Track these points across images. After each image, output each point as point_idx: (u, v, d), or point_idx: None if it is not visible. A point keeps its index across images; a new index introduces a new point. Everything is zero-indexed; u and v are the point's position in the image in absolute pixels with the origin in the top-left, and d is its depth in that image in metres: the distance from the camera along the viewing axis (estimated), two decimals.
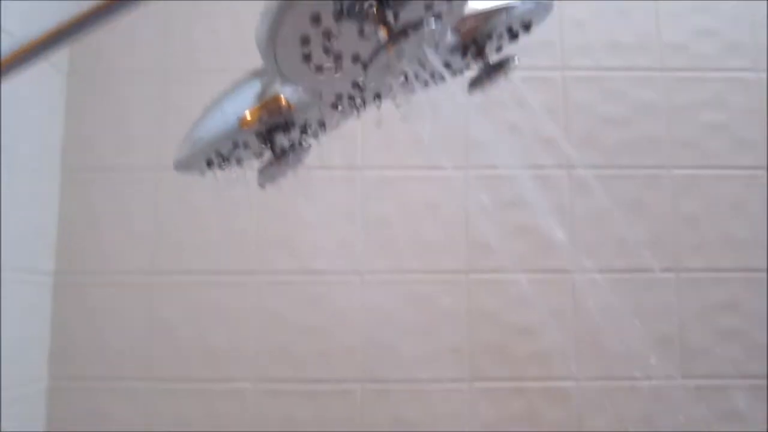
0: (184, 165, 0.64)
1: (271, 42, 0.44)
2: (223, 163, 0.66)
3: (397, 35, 0.44)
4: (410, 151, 1.14)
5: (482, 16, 0.59)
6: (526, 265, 1.11)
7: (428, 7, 0.47)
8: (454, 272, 1.12)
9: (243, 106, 0.60)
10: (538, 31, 1.13)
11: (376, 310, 1.10)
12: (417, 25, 0.45)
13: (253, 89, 0.61)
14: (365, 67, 0.47)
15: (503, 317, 1.10)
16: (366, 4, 0.44)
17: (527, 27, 0.66)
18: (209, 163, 0.66)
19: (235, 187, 1.14)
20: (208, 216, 1.13)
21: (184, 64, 1.18)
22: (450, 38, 0.58)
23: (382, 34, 0.45)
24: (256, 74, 0.62)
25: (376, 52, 0.45)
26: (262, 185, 0.65)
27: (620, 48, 1.16)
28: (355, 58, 0.47)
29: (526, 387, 1.09)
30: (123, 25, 1.19)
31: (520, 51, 1.13)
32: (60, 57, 1.16)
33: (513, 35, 0.66)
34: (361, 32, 0.46)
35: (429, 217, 1.13)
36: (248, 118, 0.58)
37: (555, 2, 0.64)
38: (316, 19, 0.43)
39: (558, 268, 1.11)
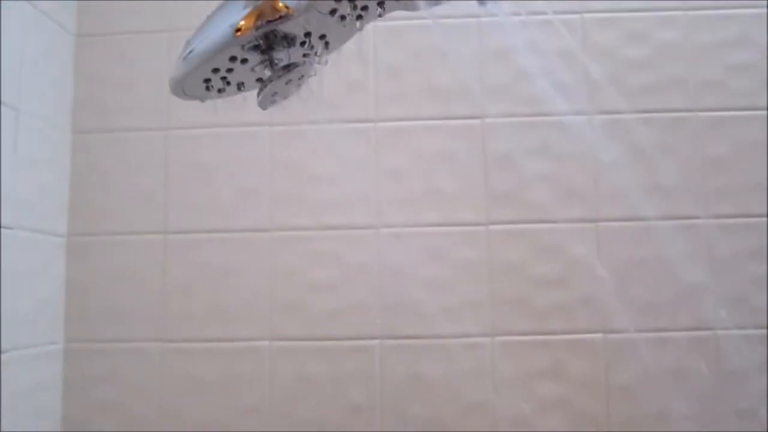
0: (179, 84, 0.62)
1: None
2: (222, 85, 0.64)
3: None
4: (425, 101, 1.11)
5: None
6: (548, 214, 1.07)
7: None
8: (474, 224, 1.08)
9: (236, 18, 0.57)
10: None
11: (393, 264, 1.07)
12: None
13: (241, 5, 0.58)
14: None
15: (526, 269, 1.07)
16: None
17: None
18: (207, 86, 0.63)
19: (244, 143, 1.12)
20: (219, 174, 1.11)
21: (192, 24, 1.15)
22: None
23: None
24: None
25: None
26: (262, 106, 0.63)
27: None
28: None
29: (551, 340, 1.06)
30: None
31: None
32: (69, 18, 1.14)
33: None
34: None
35: (446, 167, 1.09)
36: (243, 24, 0.55)
37: None
38: None
39: (581, 217, 1.07)
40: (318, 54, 0.63)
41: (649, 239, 1.05)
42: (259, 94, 0.62)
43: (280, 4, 0.54)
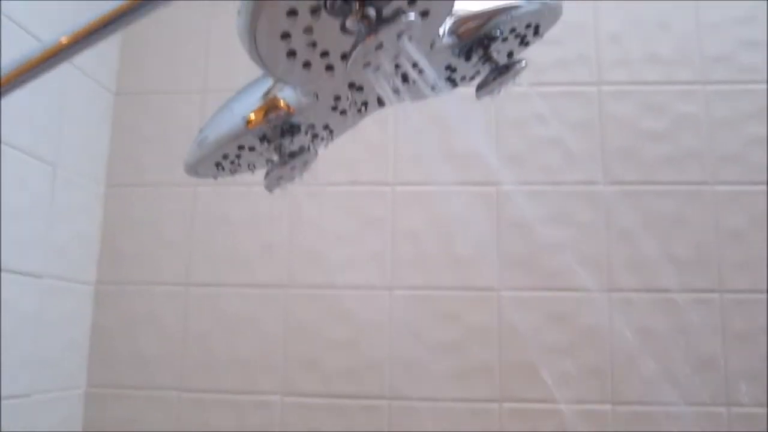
0: (193, 169, 0.66)
1: (250, 39, 0.45)
2: (234, 167, 0.68)
3: (375, 25, 0.44)
4: (442, 166, 1.13)
5: (481, 17, 0.58)
6: (559, 283, 1.08)
7: (411, 2, 0.47)
8: (485, 289, 1.10)
9: (250, 107, 0.61)
10: (572, 46, 1.12)
11: (405, 325, 1.09)
12: (395, 17, 0.45)
13: (262, 89, 0.62)
14: (345, 58, 0.47)
15: (536, 336, 1.08)
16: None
17: (536, 31, 0.65)
18: (219, 167, 0.67)
19: (267, 201, 1.16)
20: (241, 229, 1.15)
21: (224, 85, 1.21)
22: (447, 39, 0.58)
23: (361, 25, 0.45)
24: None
25: (355, 46, 0.45)
26: (269, 189, 0.66)
27: (659, 61, 1.13)
28: (343, 56, 0.47)
29: (559, 409, 1.06)
30: (166, 46, 1.25)
31: (556, 67, 1.12)
32: (109, 77, 1.21)
33: (522, 40, 0.65)
34: (343, 28, 0.46)
35: (460, 232, 1.12)
36: (253, 118, 0.59)
37: (563, 5, 0.64)
38: (292, 13, 0.44)
39: (594, 287, 1.08)
40: (323, 141, 0.67)
41: (663, 311, 1.05)
42: (265, 178, 0.65)
43: (282, 103, 0.58)
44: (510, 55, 0.67)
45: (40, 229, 1.01)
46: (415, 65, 0.59)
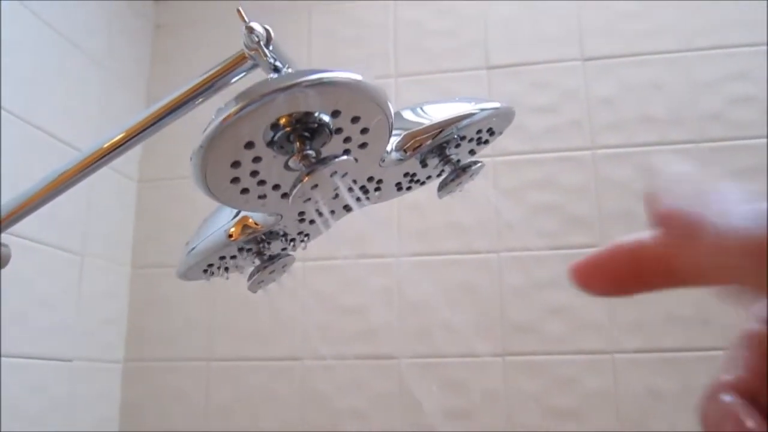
0: (184, 276, 0.72)
1: (204, 186, 0.51)
2: (222, 272, 0.74)
3: (312, 165, 0.49)
4: (444, 237, 1.18)
5: (427, 133, 0.62)
6: (563, 346, 1.10)
7: (347, 140, 0.52)
8: (490, 355, 1.12)
9: (228, 222, 0.67)
10: (565, 112, 1.16)
11: (414, 392, 1.13)
12: (327, 160, 0.49)
13: (230, 214, 0.68)
14: (285, 196, 0.52)
15: (542, 401, 1.09)
16: (293, 136, 0.50)
17: (491, 132, 0.69)
18: (207, 273, 0.73)
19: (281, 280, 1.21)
20: (258, 306, 1.21)
21: None
22: (395, 154, 0.62)
23: (301, 165, 0.49)
24: None
25: (294, 186, 0.50)
26: (252, 290, 0.72)
27: (653, 122, 1.15)
28: (276, 187, 0.52)
29: None
30: (184, 133, 1.33)
31: (550, 132, 1.15)
32: (132, 167, 1.30)
33: (479, 141, 0.69)
34: (287, 167, 0.51)
35: (464, 301, 1.15)
36: (233, 232, 0.65)
37: (515, 106, 0.67)
38: (236, 164, 0.49)
39: (597, 348, 1.09)
40: (300, 244, 0.72)
41: (670, 370, 1.06)
42: (248, 280, 0.71)
43: (251, 221, 0.64)
44: (472, 152, 0.72)
45: (69, 316, 1.09)
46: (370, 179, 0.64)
